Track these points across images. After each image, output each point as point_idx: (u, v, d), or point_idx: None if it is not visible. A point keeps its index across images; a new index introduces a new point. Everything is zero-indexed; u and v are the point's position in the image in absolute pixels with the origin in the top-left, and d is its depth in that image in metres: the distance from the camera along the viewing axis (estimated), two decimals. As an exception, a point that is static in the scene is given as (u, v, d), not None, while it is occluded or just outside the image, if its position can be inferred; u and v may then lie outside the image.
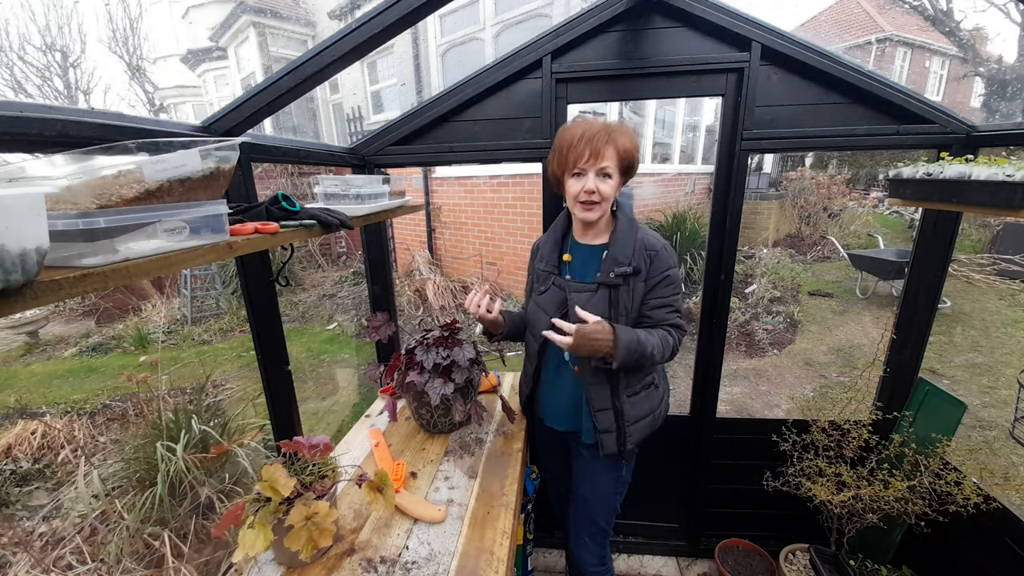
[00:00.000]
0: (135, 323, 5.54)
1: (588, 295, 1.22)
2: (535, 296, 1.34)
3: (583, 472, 1.38)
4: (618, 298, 1.19)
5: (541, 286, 1.32)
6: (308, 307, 6.35)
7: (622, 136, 1.15)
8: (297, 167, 7.61)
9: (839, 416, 1.67)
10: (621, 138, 1.14)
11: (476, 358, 1.39)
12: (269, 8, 10.35)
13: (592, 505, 1.39)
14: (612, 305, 1.20)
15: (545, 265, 1.32)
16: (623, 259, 1.19)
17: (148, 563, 1.92)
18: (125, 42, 14.56)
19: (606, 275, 1.19)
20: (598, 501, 1.39)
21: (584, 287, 1.23)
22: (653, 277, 1.20)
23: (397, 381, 1.40)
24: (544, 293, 1.30)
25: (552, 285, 1.29)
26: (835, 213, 8.58)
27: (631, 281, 1.19)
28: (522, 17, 6.07)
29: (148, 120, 0.87)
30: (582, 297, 1.22)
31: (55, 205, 0.54)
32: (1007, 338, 4.51)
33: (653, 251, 1.20)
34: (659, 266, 1.20)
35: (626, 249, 1.20)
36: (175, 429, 2.24)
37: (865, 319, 5.19)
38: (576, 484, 1.42)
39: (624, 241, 1.21)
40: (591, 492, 1.38)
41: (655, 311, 1.22)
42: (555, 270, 1.30)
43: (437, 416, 1.42)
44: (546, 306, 1.28)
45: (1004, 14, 10.72)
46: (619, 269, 1.18)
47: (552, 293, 1.28)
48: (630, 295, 1.20)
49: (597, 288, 1.21)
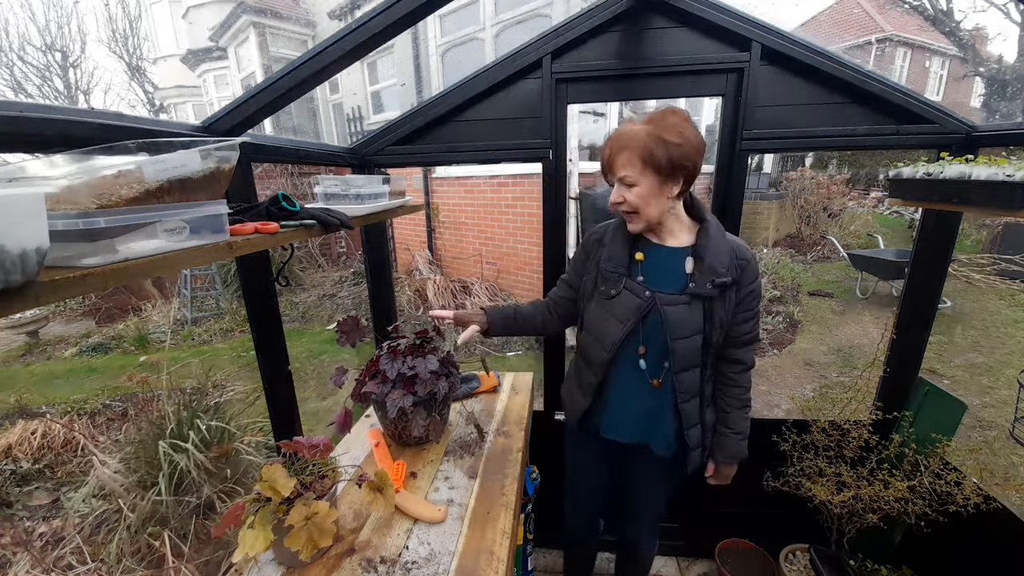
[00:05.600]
0: (135, 323, 5.55)
1: (683, 308, 1.09)
2: (600, 299, 1.18)
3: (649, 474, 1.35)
4: (712, 311, 1.09)
5: (611, 289, 1.15)
6: (308, 307, 6.35)
7: (646, 138, 1.01)
8: (297, 167, 7.61)
9: (839, 416, 1.67)
10: (644, 140, 1.01)
11: (442, 371, 1.28)
12: (269, 8, 10.34)
13: (660, 500, 1.41)
14: (707, 319, 1.10)
15: (614, 265, 1.15)
16: (721, 268, 1.07)
17: (148, 563, 1.92)
18: (125, 42, 14.58)
19: (702, 285, 1.07)
20: (663, 496, 1.41)
21: (676, 298, 1.10)
22: (744, 288, 1.12)
23: (354, 391, 1.30)
24: (615, 298, 1.14)
25: (625, 290, 1.13)
26: (835, 213, 8.58)
27: (727, 293, 1.10)
28: (522, 17, 6.07)
29: (148, 120, 0.87)
30: (676, 311, 1.09)
31: (55, 205, 0.54)
32: (1007, 338, 4.51)
33: (744, 260, 1.11)
34: (750, 276, 1.12)
35: (723, 256, 1.08)
36: (176, 429, 2.24)
37: (865, 319, 5.19)
38: (638, 483, 1.39)
39: (719, 247, 1.09)
40: (657, 490, 1.39)
41: (742, 325, 1.15)
42: (626, 271, 1.14)
43: (399, 428, 1.30)
44: (619, 313, 1.13)
45: (1004, 14, 10.73)
46: (719, 280, 1.06)
47: (625, 299, 1.13)
48: (724, 308, 1.10)
49: (690, 300, 1.09)
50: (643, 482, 1.38)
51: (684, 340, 1.10)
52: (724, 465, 1.28)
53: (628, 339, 1.15)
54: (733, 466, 1.29)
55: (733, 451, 1.24)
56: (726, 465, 1.28)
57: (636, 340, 1.15)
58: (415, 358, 1.28)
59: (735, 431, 1.23)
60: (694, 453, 1.23)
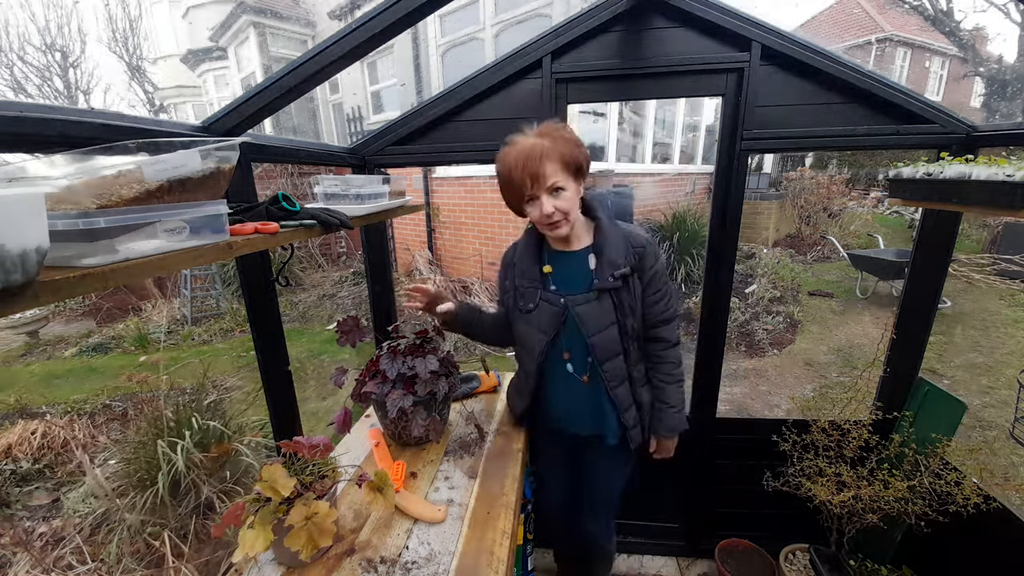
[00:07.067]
0: (135, 323, 5.54)
1: (593, 304, 1.17)
2: (522, 315, 1.26)
3: (602, 465, 1.40)
4: (621, 301, 1.17)
5: (528, 303, 1.24)
6: (308, 307, 6.35)
7: (556, 143, 1.07)
8: (297, 167, 7.61)
9: (839, 416, 1.67)
10: (556, 146, 1.07)
11: (441, 370, 1.29)
12: (269, 8, 10.35)
13: (613, 491, 1.45)
14: (618, 309, 1.17)
15: (528, 281, 1.24)
16: (619, 260, 1.15)
17: (148, 563, 1.92)
18: (125, 42, 14.58)
19: (605, 280, 1.15)
20: (616, 487, 1.45)
21: (584, 297, 1.18)
22: (647, 273, 1.19)
23: (354, 391, 1.30)
24: (534, 311, 1.23)
25: (541, 301, 1.22)
26: (835, 213, 8.57)
27: (630, 281, 1.17)
28: (522, 17, 6.07)
29: (148, 120, 0.87)
30: (586, 308, 1.17)
31: (55, 205, 0.54)
32: (1007, 338, 4.51)
33: (640, 247, 1.18)
34: (649, 261, 1.19)
35: (619, 248, 1.16)
36: (176, 428, 2.24)
37: (865, 319, 5.19)
38: (593, 475, 1.44)
39: (614, 241, 1.17)
40: (610, 481, 1.43)
41: (655, 306, 1.22)
42: (539, 284, 1.23)
43: (399, 428, 1.30)
44: (540, 323, 1.22)
45: (1004, 14, 10.73)
46: (619, 271, 1.14)
47: (543, 310, 1.21)
48: (632, 295, 1.18)
49: (598, 295, 1.17)
50: (596, 473, 1.43)
51: (600, 334, 1.18)
52: (665, 439, 1.35)
53: (552, 345, 1.23)
54: (674, 439, 1.36)
55: (672, 424, 1.31)
56: (667, 439, 1.35)
57: (560, 345, 1.23)
58: (415, 358, 1.29)
59: (670, 404, 1.30)
60: (633, 431, 1.29)
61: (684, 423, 1.32)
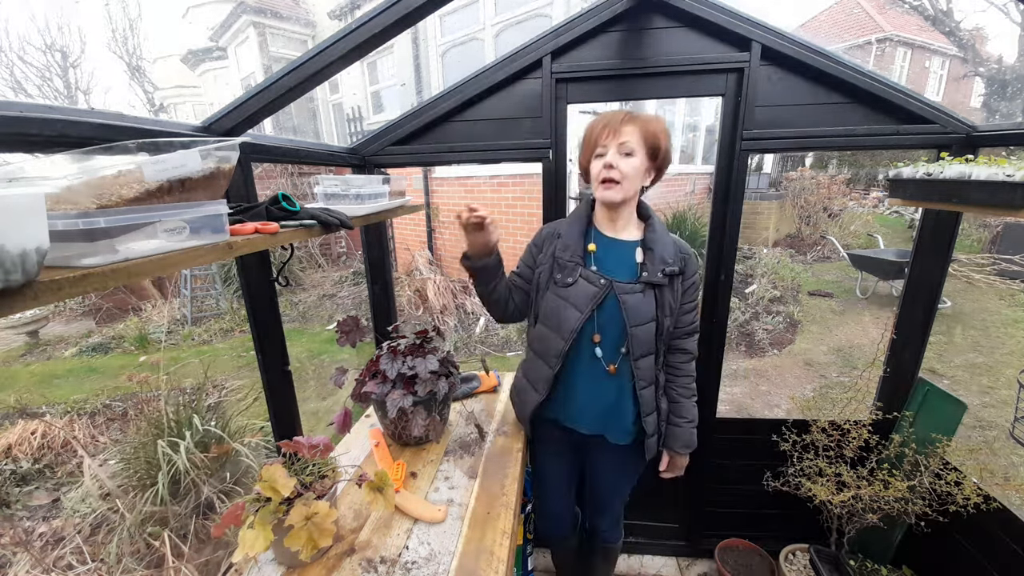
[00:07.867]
0: (135, 323, 5.54)
1: (638, 296, 1.15)
2: (556, 288, 1.21)
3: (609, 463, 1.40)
4: (663, 299, 1.16)
5: (567, 277, 1.20)
6: (308, 307, 6.35)
7: (646, 121, 1.11)
8: (297, 167, 7.61)
9: (839, 416, 1.67)
10: (642, 120, 1.11)
11: (441, 370, 1.29)
12: (269, 8, 10.35)
13: (623, 487, 1.45)
14: (659, 306, 1.17)
15: (570, 255, 1.21)
16: (669, 259, 1.16)
17: (148, 563, 1.92)
18: (125, 42, 14.58)
19: (654, 274, 1.15)
20: (626, 484, 1.45)
21: (632, 287, 1.16)
22: (688, 279, 1.21)
23: (354, 391, 1.30)
24: (571, 286, 1.19)
25: (581, 278, 1.19)
26: (835, 213, 8.58)
27: (675, 282, 1.18)
28: (522, 17, 6.07)
29: (148, 120, 0.87)
30: (633, 298, 1.15)
31: (55, 205, 0.54)
32: (1007, 338, 4.51)
33: (686, 254, 1.21)
34: (692, 268, 1.22)
35: (669, 248, 1.18)
36: (177, 428, 2.24)
37: (865, 319, 5.19)
38: (599, 473, 1.43)
39: (665, 241, 1.19)
40: (618, 480, 1.43)
41: (686, 315, 1.24)
42: (580, 261, 1.20)
43: (399, 428, 1.30)
44: (576, 300, 1.18)
45: (1004, 14, 10.74)
46: (668, 268, 1.15)
47: (582, 287, 1.18)
48: (674, 296, 1.18)
49: (644, 288, 1.16)
50: (604, 472, 1.43)
51: (641, 327, 1.16)
52: (679, 455, 1.34)
53: (584, 327, 1.19)
54: (686, 457, 1.35)
55: (686, 440, 1.30)
56: (680, 455, 1.34)
57: (591, 328, 1.20)
58: (415, 358, 1.29)
59: (687, 419, 1.30)
60: (651, 440, 1.28)
61: (695, 441, 1.31)
